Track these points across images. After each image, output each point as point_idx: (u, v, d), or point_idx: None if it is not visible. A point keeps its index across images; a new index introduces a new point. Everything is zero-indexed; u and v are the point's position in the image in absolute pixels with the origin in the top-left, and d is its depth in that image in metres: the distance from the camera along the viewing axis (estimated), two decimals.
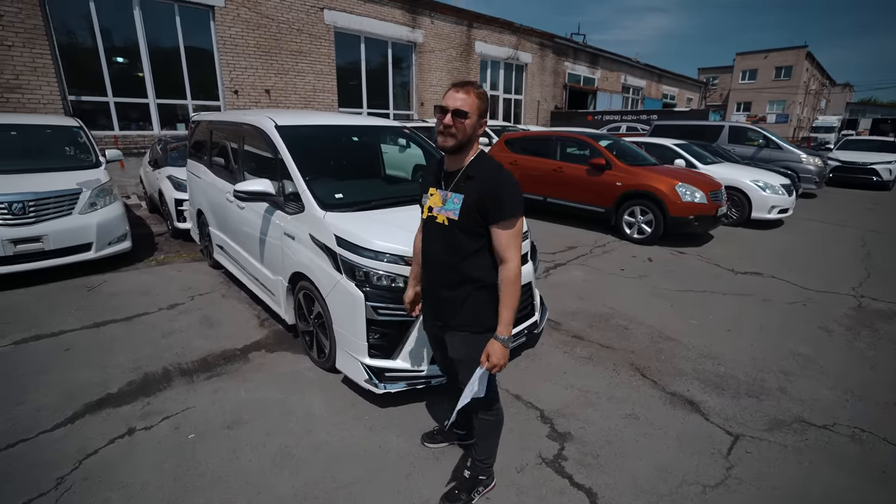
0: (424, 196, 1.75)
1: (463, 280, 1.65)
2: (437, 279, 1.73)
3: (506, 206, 1.53)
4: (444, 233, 1.64)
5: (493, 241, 1.58)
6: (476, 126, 1.57)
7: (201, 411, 2.48)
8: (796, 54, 38.06)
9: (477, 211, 1.56)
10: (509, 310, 1.57)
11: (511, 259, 1.56)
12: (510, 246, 1.55)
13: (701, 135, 10.64)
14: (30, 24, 7.56)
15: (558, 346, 3.38)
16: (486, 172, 1.58)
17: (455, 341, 1.75)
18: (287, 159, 2.93)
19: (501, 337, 1.58)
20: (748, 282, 4.87)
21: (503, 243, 1.55)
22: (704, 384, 2.90)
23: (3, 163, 4.65)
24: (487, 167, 1.60)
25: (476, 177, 1.58)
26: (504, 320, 1.57)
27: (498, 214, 1.54)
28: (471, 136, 1.57)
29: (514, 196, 1.56)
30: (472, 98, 1.54)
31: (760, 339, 3.54)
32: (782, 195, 7.20)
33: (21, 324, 3.54)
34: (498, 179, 1.56)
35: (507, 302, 1.57)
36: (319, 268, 2.59)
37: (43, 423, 2.36)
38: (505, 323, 1.57)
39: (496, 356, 1.58)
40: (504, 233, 1.55)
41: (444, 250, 1.66)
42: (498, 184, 1.55)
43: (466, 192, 1.58)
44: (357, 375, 2.48)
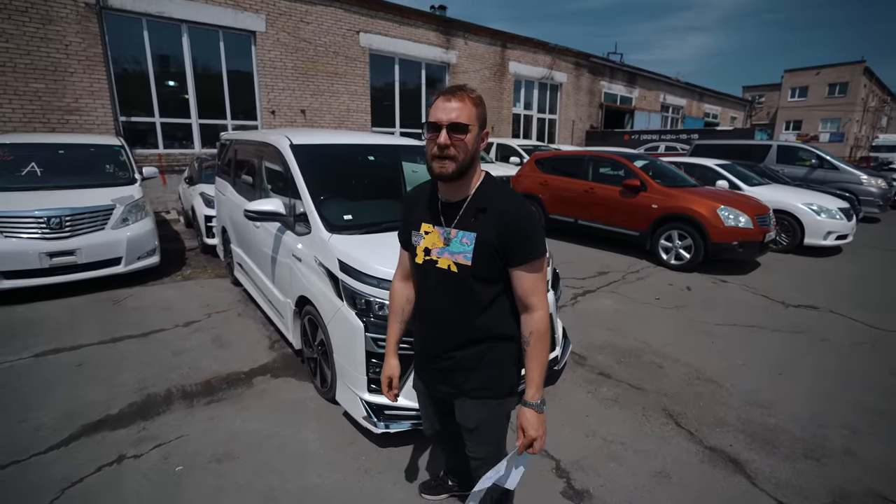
0: (415, 234, 1.40)
1: (480, 337, 1.36)
2: (447, 339, 1.40)
3: (535, 244, 1.27)
4: (451, 281, 1.32)
5: (516, 286, 1.30)
6: (479, 140, 1.28)
7: (194, 441, 2.37)
8: (852, 70, 35.88)
9: (496, 252, 1.27)
10: (540, 369, 1.30)
11: (539, 306, 1.29)
12: (537, 291, 1.29)
13: (746, 155, 10.04)
14: (91, 52, 8.14)
15: (582, 384, 3.08)
16: (504, 203, 1.28)
17: (467, 408, 1.44)
18: (297, 178, 2.86)
19: (533, 402, 1.29)
20: (802, 317, 4.37)
21: (529, 288, 1.29)
22: (751, 439, 2.52)
23: (48, 179, 4.92)
24: (503, 195, 1.30)
25: (490, 209, 1.27)
26: (534, 382, 1.30)
27: (525, 255, 1.26)
28: (473, 154, 1.26)
29: (539, 230, 1.30)
30: (468, 105, 1.23)
31: (819, 386, 3.09)
32: (840, 220, 6.57)
33: (45, 336, 3.62)
34: (520, 211, 1.28)
35: (536, 359, 1.30)
36: (322, 293, 2.46)
37: (39, 443, 2.32)
38: (536, 385, 1.29)
39: (533, 428, 1.28)
40: (530, 276, 1.28)
41: (453, 303, 1.35)
42: (522, 217, 1.27)
43: (480, 230, 1.27)
44: (356, 411, 2.30)
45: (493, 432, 1.48)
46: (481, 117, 1.27)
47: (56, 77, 7.87)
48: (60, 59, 7.86)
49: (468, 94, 1.25)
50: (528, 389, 1.31)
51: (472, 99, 1.25)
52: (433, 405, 1.63)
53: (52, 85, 7.86)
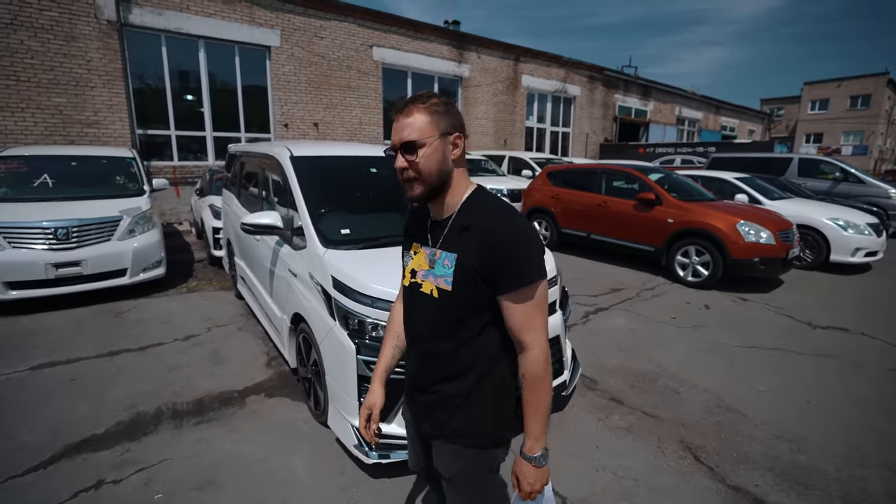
0: (405, 255, 1.28)
1: (462, 372, 1.17)
2: (428, 371, 1.23)
3: (522, 267, 1.06)
4: (433, 307, 1.17)
5: (506, 319, 1.11)
6: (441, 151, 1.09)
7: (178, 465, 2.25)
8: (875, 82, 35.04)
9: (479, 275, 1.09)
10: (537, 418, 1.11)
11: (534, 344, 1.08)
12: (530, 326, 1.08)
13: (766, 168, 9.73)
14: (111, 67, 8.36)
15: (592, 410, 2.88)
16: (488, 218, 1.09)
17: (444, 454, 1.25)
18: (295, 190, 2.78)
19: (530, 456, 1.12)
20: (831, 339, 4.09)
21: (519, 322, 1.09)
22: (780, 478, 2.29)
23: (58, 190, 4.96)
24: (489, 209, 1.12)
25: (473, 226, 1.10)
26: (531, 433, 1.12)
27: (512, 281, 1.07)
28: (439, 168, 1.09)
29: (532, 251, 1.08)
30: (419, 117, 1.08)
31: (853, 418, 2.84)
32: (869, 235, 6.24)
33: (45, 348, 3.58)
34: (506, 228, 1.07)
35: (532, 406, 1.11)
36: (315, 311, 2.35)
37: (18, 464, 2.22)
38: (533, 437, 1.11)
39: (528, 482, 1.13)
40: (520, 307, 1.08)
41: (433, 332, 1.19)
42: (506, 235, 1.07)
43: (461, 251, 1.11)
44: (347, 438, 2.16)
45: (471, 487, 1.26)
46: (440, 125, 1.09)
47: (77, 91, 8.08)
48: (82, 74, 8.08)
49: (418, 105, 1.09)
50: (525, 440, 1.13)
51: (423, 109, 1.09)
52: (419, 440, 1.41)
53: (73, 99, 8.07)
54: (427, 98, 1.11)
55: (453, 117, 1.12)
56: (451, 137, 1.11)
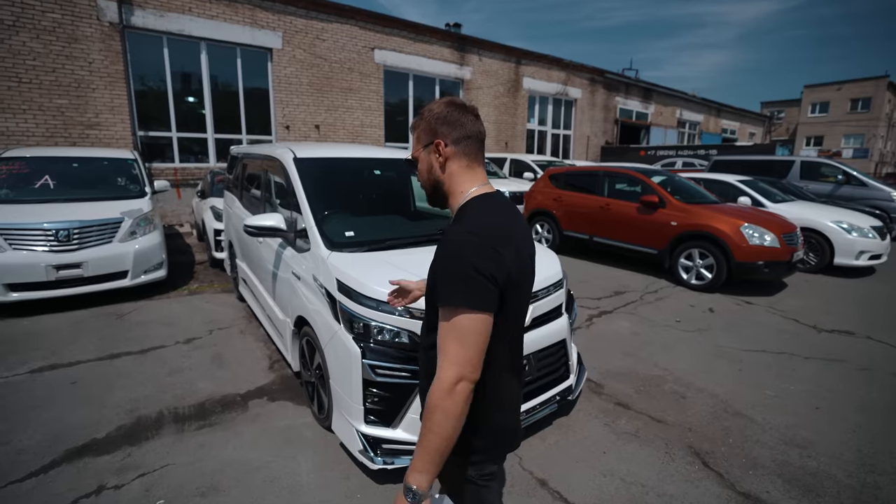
0: None
1: (428, 371, 1.14)
2: (422, 365, 1.24)
3: (446, 286, 1.00)
4: (426, 306, 1.20)
5: None
6: (427, 162, 1.14)
7: (180, 470, 2.21)
8: (875, 85, 35.06)
9: (432, 282, 1.09)
10: (424, 450, 0.98)
11: (440, 369, 0.98)
12: (442, 349, 0.99)
13: (767, 170, 9.70)
14: (113, 69, 8.34)
15: (598, 415, 2.84)
16: (448, 231, 1.08)
17: None
18: (299, 192, 2.75)
19: (406, 484, 0.99)
20: (837, 343, 4.06)
21: (439, 339, 1.01)
22: (791, 485, 2.26)
23: (60, 192, 4.94)
24: (457, 220, 1.10)
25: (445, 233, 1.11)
26: (413, 463, 0.99)
27: (440, 295, 1.02)
28: (429, 178, 1.16)
29: (459, 269, 0.98)
30: (412, 137, 1.19)
31: (863, 424, 2.80)
32: (873, 238, 6.21)
33: (45, 350, 3.55)
34: (451, 241, 1.03)
35: (422, 436, 0.98)
36: (319, 314, 2.32)
37: (18, 470, 2.19)
38: (413, 467, 0.99)
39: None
40: (441, 325, 1.01)
41: (425, 327, 1.21)
42: (448, 247, 1.03)
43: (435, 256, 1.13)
44: (351, 443, 2.13)
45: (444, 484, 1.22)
46: (422, 138, 1.14)
47: (79, 93, 8.07)
48: (84, 75, 8.07)
49: (415, 122, 1.18)
50: (408, 469, 1.02)
51: (413, 127, 1.19)
52: None
53: (75, 101, 8.06)
54: (417, 117, 1.18)
55: (429, 127, 1.13)
56: (431, 147, 1.13)
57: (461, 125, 1.12)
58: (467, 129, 1.12)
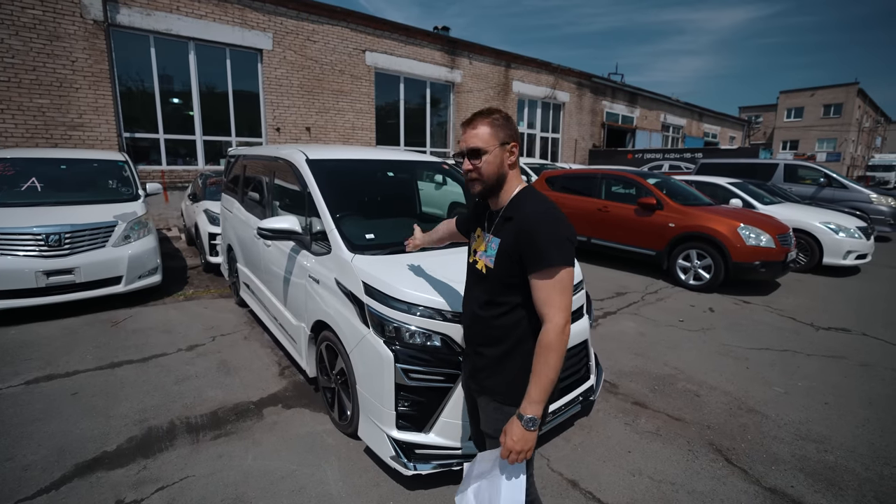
0: (472, 236, 1.53)
1: (500, 338, 1.39)
2: (475, 334, 1.47)
3: (544, 250, 1.24)
4: (482, 281, 1.43)
5: (533, 294, 1.28)
6: (500, 157, 1.34)
7: (201, 483, 2.13)
8: (846, 91, 36.53)
9: (515, 257, 1.30)
10: (540, 384, 1.23)
11: (552, 317, 1.23)
12: (550, 301, 1.24)
13: (752, 173, 9.97)
14: (97, 68, 8.08)
15: (617, 415, 2.85)
16: (526, 211, 1.31)
17: (488, 409, 1.45)
18: (315, 195, 2.69)
19: (525, 416, 1.23)
20: (836, 340, 4.18)
21: (541, 298, 1.26)
22: (812, 479, 2.30)
23: (48, 195, 4.74)
24: (528, 205, 1.33)
25: (515, 217, 1.32)
26: (531, 395, 1.23)
27: (537, 262, 1.25)
28: (498, 172, 1.34)
29: (556, 238, 1.25)
30: (483, 129, 1.33)
31: (871, 418, 2.88)
32: (859, 239, 6.43)
33: (39, 360, 3.39)
34: (537, 218, 1.28)
35: (539, 372, 1.23)
36: (344, 318, 2.27)
37: (26, 487, 2.08)
38: (532, 399, 1.23)
39: (512, 439, 1.23)
40: (543, 283, 1.25)
41: (480, 301, 1.43)
42: (536, 224, 1.27)
43: (503, 236, 1.35)
44: (382, 450, 2.08)
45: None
46: (501, 136, 1.33)
47: (61, 93, 7.79)
48: (66, 75, 7.80)
49: (483, 119, 1.33)
50: (523, 401, 1.25)
51: (488, 122, 1.33)
52: (471, 405, 1.63)
53: (57, 101, 7.78)
54: (490, 113, 1.35)
55: (511, 129, 1.36)
56: (509, 146, 1.35)
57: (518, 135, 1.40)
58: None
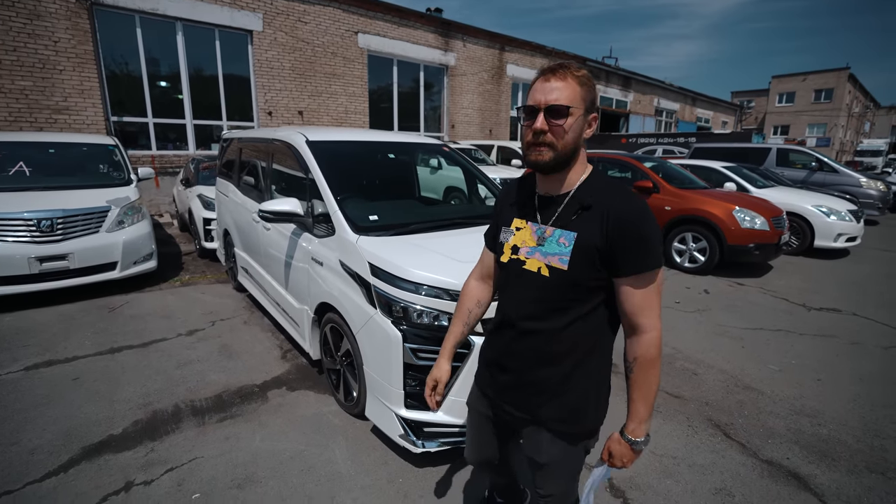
0: (504, 231, 1.24)
1: (566, 352, 1.15)
2: (526, 351, 1.19)
3: (651, 252, 1.04)
4: (540, 286, 1.13)
5: (623, 302, 1.08)
6: (582, 126, 1.08)
7: (210, 464, 2.14)
8: (837, 76, 36.68)
9: (600, 257, 1.06)
10: (645, 401, 1.10)
11: (650, 328, 1.07)
12: (649, 309, 1.07)
13: (744, 157, 10.02)
14: (81, 49, 7.83)
15: (617, 392, 2.85)
16: (616, 200, 1.06)
17: (541, 440, 1.23)
18: (318, 177, 2.66)
19: (632, 439, 1.12)
20: (827, 320, 4.27)
21: (638, 305, 1.06)
22: (807, 451, 2.38)
23: (37, 179, 4.64)
24: (615, 191, 1.09)
25: (597, 206, 1.07)
26: (638, 416, 1.11)
27: (638, 264, 1.04)
28: (576, 143, 1.07)
29: (658, 238, 1.08)
30: (571, 85, 1.04)
31: (862, 393, 2.97)
32: (850, 221, 6.54)
33: (37, 347, 3.35)
34: (637, 211, 1.05)
35: (641, 389, 1.09)
36: (350, 300, 2.26)
37: (34, 470, 2.07)
38: (639, 419, 1.11)
39: (621, 461, 1.15)
40: (641, 291, 1.06)
41: (540, 310, 1.15)
42: (638, 218, 1.04)
43: (582, 229, 1.08)
44: (391, 429, 2.10)
45: (566, 470, 1.28)
46: (587, 99, 1.07)
47: (44, 75, 7.56)
48: (49, 56, 7.56)
49: (572, 72, 1.05)
50: (629, 423, 1.13)
51: (576, 78, 1.05)
52: (492, 427, 1.39)
53: (41, 83, 7.55)
54: (579, 69, 1.08)
55: (596, 97, 1.11)
56: (591, 117, 1.10)
57: None
58: None
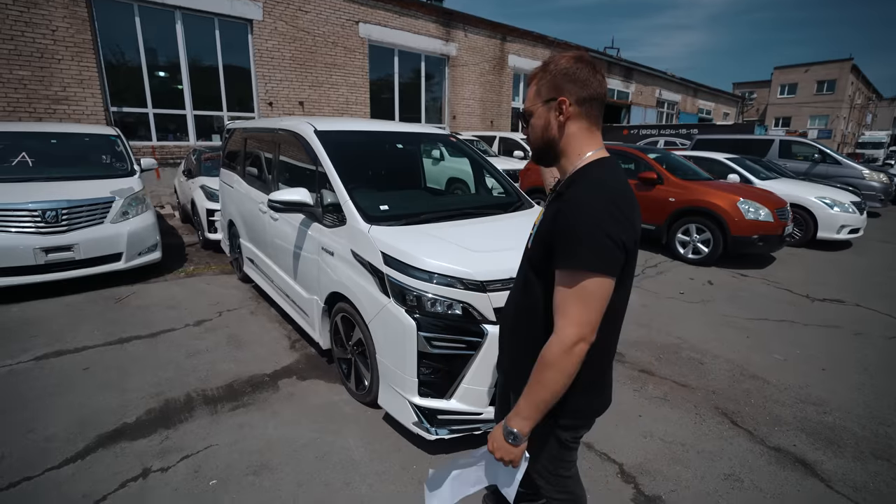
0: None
1: (530, 332, 1.15)
2: (508, 318, 1.29)
3: (572, 247, 0.98)
4: (522, 261, 1.24)
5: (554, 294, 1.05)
6: (546, 117, 1.08)
7: (224, 451, 2.16)
8: (840, 67, 36.44)
9: (545, 242, 1.08)
10: (530, 399, 1.05)
11: (559, 329, 1.00)
12: (563, 310, 1.00)
13: (747, 149, 9.99)
14: (79, 38, 7.74)
15: (626, 381, 2.94)
16: (573, 189, 1.05)
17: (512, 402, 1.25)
18: (327, 167, 2.65)
19: (507, 427, 1.08)
20: (830, 311, 4.30)
21: (557, 301, 1.02)
22: (813, 438, 2.41)
23: (40, 170, 4.61)
24: (579, 181, 1.06)
25: (563, 194, 1.08)
26: (518, 408, 1.07)
27: (561, 257, 1.01)
28: (543, 134, 1.10)
29: (592, 231, 0.97)
30: (531, 87, 1.11)
31: (866, 382, 3.00)
32: (853, 213, 6.55)
33: (45, 337, 3.37)
34: (577, 203, 1.01)
35: (531, 387, 1.05)
36: (362, 289, 2.27)
37: (51, 457, 2.10)
38: (517, 412, 1.07)
39: (492, 445, 1.12)
40: (561, 288, 1.01)
41: (518, 282, 1.26)
42: (574, 210, 1.00)
43: (546, 214, 1.14)
44: (404, 416, 2.12)
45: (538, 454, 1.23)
46: (542, 90, 1.09)
47: (42, 64, 7.48)
48: (47, 45, 7.47)
49: (533, 75, 1.13)
50: (511, 412, 1.10)
51: (533, 77, 1.12)
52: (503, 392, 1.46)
53: (39, 72, 7.47)
54: (539, 66, 1.12)
55: (555, 79, 1.07)
56: (555, 103, 1.07)
57: (588, 85, 1.05)
58: (594, 90, 1.06)
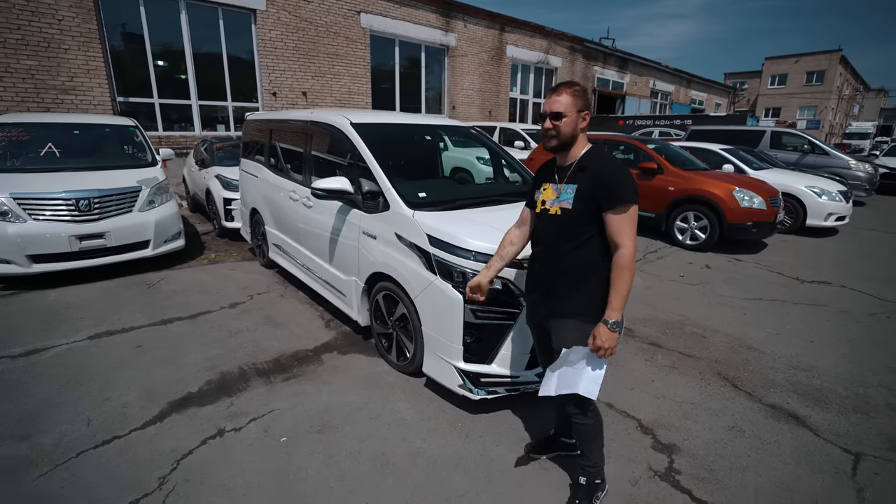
0: (538, 192, 1.83)
1: (575, 267, 1.69)
2: (550, 268, 1.76)
3: (619, 191, 1.58)
4: (557, 223, 1.71)
5: (607, 228, 1.60)
6: (576, 122, 1.66)
7: (287, 414, 2.42)
8: (829, 58, 36.99)
9: (590, 199, 1.62)
10: (619, 295, 1.58)
11: (624, 245, 1.57)
12: (623, 231, 1.57)
13: (740, 140, 10.31)
14: (85, 28, 7.76)
15: (637, 353, 3.23)
16: (599, 163, 1.65)
17: (563, 330, 1.74)
18: (368, 158, 2.87)
19: (609, 321, 1.58)
20: (818, 291, 4.64)
21: (616, 228, 1.58)
22: (803, 397, 2.73)
23: (67, 160, 4.75)
24: (600, 159, 1.68)
25: (589, 167, 1.65)
26: (613, 305, 1.59)
27: (612, 200, 1.58)
28: (572, 132, 1.67)
29: (627, 183, 1.60)
30: (566, 97, 1.65)
31: (850, 352, 3.33)
32: (840, 202, 6.91)
33: (92, 319, 3.57)
34: (610, 168, 1.63)
35: (618, 287, 1.58)
36: (408, 268, 2.52)
37: (132, 420, 2.33)
38: (614, 308, 1.58)
39: (601, 339, 1.58)
40: (617, 217, 1.58)
41: (557, 239, 1.72)
42: (610, 172, 1.62)
43: (580, 182, 1.65)
44: (450, 381, 2.39)
45: (576, 337, 1.70)
46: (578, 104, 1.66)
47: (49, 54, 7.50)
48: (53, 34, 7.49)
49: (568, 88, 1.67)
50: (608, 310, 1.59)
51: (570, 92, 1.66)
52: (539, 335, 1.93)
53: (46, 62, 7.50)
54: (575, 84, 1.69)
55: (585, 100, 1.69)
56: (583, 115, 1.68)
57: (590, 106, 1.56)
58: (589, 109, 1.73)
